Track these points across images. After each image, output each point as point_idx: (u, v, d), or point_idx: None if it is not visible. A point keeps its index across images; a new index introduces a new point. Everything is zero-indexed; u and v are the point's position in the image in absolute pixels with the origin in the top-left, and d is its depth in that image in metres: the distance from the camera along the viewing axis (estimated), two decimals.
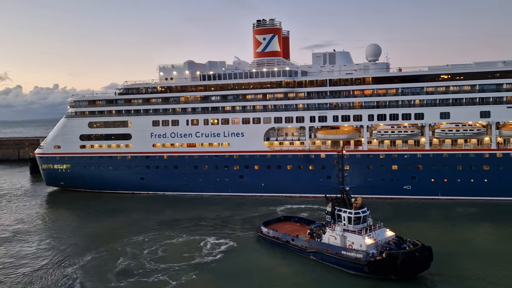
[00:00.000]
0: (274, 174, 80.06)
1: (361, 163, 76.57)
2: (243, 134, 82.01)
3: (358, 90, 78.82)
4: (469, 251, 47.84)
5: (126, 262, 48.34)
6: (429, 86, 75.97)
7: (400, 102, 76.52)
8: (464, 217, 63.67)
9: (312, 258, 46.76)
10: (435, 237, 52.88)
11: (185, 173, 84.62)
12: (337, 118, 78.33)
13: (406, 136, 75.82)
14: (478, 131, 72.98)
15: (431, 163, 73.84)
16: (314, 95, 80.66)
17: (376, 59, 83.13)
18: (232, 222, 64.39)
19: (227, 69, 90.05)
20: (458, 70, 75.56)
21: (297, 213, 67.30)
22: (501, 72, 73.36)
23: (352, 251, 42.57)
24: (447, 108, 74.30)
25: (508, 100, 72.49)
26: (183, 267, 46.13)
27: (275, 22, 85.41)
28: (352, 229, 44.08)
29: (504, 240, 51.38)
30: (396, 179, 74.97)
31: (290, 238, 50.36)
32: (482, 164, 71.94)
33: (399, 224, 57.86)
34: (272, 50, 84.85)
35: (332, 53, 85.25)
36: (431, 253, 41.00)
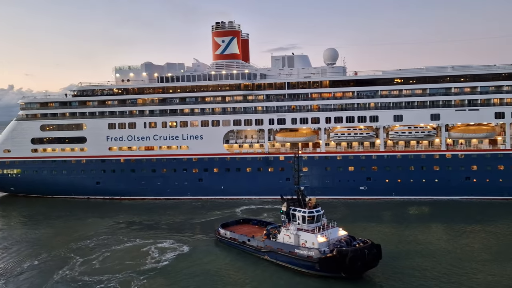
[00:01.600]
0: (233, 177, 79.90)
1: (319, 165, 77.89)
2: (202, 137, 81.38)
3: (316, 93, 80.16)
4: (419, 249, 49.38)
5: (68, 271, 46.30)
6: (383, 90, 78.43)
7: (356, 105, 78.49)
8: (416, 216, 65.97)
9: (267, 258, 47.15)
10: (387, 236, 54.59)
11: (143, 177, 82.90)
12: (296, 120, 79.31)
13: (362, 138, 77.81)
14: (429, 133, 75.97)
15: (386, 164, 76.16)
16: (273, 97, 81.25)
17: (334, 63, 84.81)
18: (190, 226, 63.76)
19: (186, 71, 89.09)
20: (410, 74, 78.45)
21: (257, 215, 67.54)
22: (450, 76, 76.80)
23: (304, 249, 43.34)
24: (400, 111, 76.88)
25: (456, 103, 75.99)
26: (131, 273, 45.05)
27: (234, 25, 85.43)
28: (306, 228, 44.89)
29: (453, 239, 53.48)
30: (353, 180, 76.75)
31: (246, 238, 50.62)
32: (432, 164, 74.92)
33: (353, 224, 59.36)
34: (231, 52, 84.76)
35: (291, 56, 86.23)
36: (380, 251, 42.23)
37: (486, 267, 43.52)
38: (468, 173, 73.88)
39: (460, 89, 76.49)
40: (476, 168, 73.68)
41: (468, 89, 76.31)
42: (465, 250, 48.86)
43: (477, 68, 77.60)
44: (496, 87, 75.55)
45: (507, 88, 74.90)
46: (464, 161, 74.16)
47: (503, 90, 75.05)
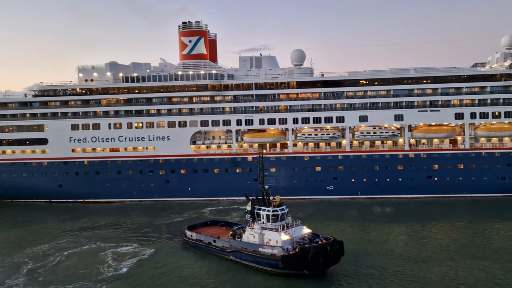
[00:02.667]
0: (201, 178, 79.22)
1: (286, 165, 78.35)
2: (168, 137, 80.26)
3: (283, 94, 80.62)
4: (380, 247, 50.40)
5: (16, 280, 44.18)
6: (349, 91, 79.74)
7: (323, 106, 79.45)
8: (380, 215, 67.29)
9: (232, 258, 47.05)
10: (351, 234, 55.52)
11: (108, 179, 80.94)
12: (263, 121, 79.48)
13: (329, 139, 78.80)
14: (393, 133, 77.79)
15: (351, 164, 77.44)
16: (241, 98, 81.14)
17: (301, 64, 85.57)
18: (156, 228, 62.74)
19: (152, 71, 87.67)
20: (374, 76, 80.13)
21: (225, 216, 67.32)
22: (413, 78, 78.99)
23: (268, 248, 43.53)
24: (365, 112, 78.38)
25: (418, 104, 78.13)
26: (92, 278, 43.63)
27: (201, 25, 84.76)
28: (270, 226, 45.07)
29: (413, 237, 54.85)
30: (320, 180, 77.61)
31: (212, 239, 50.35)
32: (396, 164, 76.77)
33: (319, 223, 60.10)
34: (198, 52, 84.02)
35: (259, 57, 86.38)
36: (342, 247, 42.83)
37: (442, 264, 44.71)
38: (430, 172, 76.15)
39: (422, 91, 78.71)
40: (438, 167, 76.03)
41: (430, 90, 78.63)
42: (424, 248, 50.07)
43: (438, 70, 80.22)
44: (456, 89, 78.19)
45: (466, 89, 77.70)
46: (426, 161, 76.39)
47: (462, 92, 77.76)
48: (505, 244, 50.26)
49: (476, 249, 48.87)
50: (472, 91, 77.74)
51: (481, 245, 50.13)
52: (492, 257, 45.87)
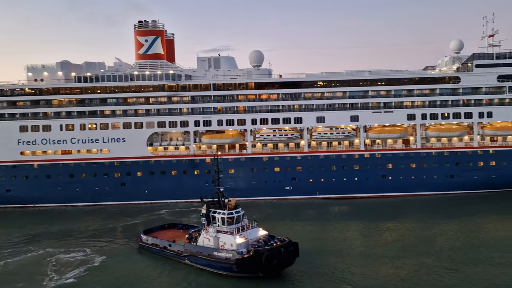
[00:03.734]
0: (158, 180, 77.61)
1: (245, 166, 78.20)
2: (124, 139, 78.03)
3: (242, 95, 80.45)
4: (335, 247, 51.25)
5: None
6: (307, 92, 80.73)
7: (281, 107, 79.99)
8: (336, 215, 68.45)
9: (187, 262, 46.29)
10: (308, 234, 56.05)
11: (59, 183, 77.62)
12: (222, 122, 78.97)
13: (287, 140, 79.42)
14: (349, 134, 79.45)
15: (309, 165, 78.40)
16: (199, 99, 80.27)
17: (259, 65, 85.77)
18: (110, 233, 60.70)
19: (106, 71, 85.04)
20: (331, 78, 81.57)
21: (182, 218, 66.27)
22: (368, 80, 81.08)
23: (223, 251, 43.18)
24: (323, 113, 79.60)
25: (373, 105, 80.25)
26: None
27: (158, 24, 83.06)
28: (225, 229, 44.68)
29: (368, 235, 56.21)
30: (278, 181, 78.01)
31: (167, 243, 49.35)
32: (352, 164, 78.46)
33: (276, 223, 60.45)
34: (155, 52, 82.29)
35: (217, 57, 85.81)
36: (297, 248, 43.11)
37: (393, 261, 46.16)
38: (384, 171, 78.37)
39: (377, 92, 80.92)
40: (391, 167, 78.37)
41: (384, 92, 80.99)
42: (377, 246, 51.49)
43: (391, 72, 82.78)
44: (408, 91, 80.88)
45: (418, 91, 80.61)
46: (381, 160, 78.57)
47: (414, 94, 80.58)
48: (449, 242, 52.30)
49: (423, 247, 50.59)
50: (423, 93, 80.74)
51: (428, 243, 51.95)
52: (437, 254, 47.69)
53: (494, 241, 51.08)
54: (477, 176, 77.60)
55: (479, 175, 77.60)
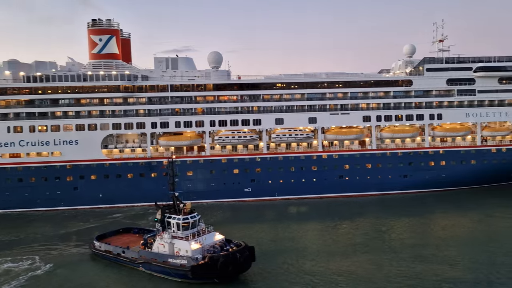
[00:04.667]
0: (113, 184, 75.22)
1: (204, 169, 77.32)
2: (77, 141, 75.12)
3: (200, 96, 79.56)
4: (293, 248, 51.47)
5: None
6: (266, 94, 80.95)
7: (240, 108, 79.78)
8: (295, 215, 69.03)
9: (141, 269, 44.97)
10: (266, 236, 56.15)
11: (7, 188, 73.60)
12: (180, 124, 77.69)
13: (246, 141, 79.28)
14: (307, 135, 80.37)
15: (268, 166, 78.58)
16: (156, 100, 78.66)
17: (218, 66, 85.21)
18: (61, 240, 58.03)
19: (58, 70, 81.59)
20: (289, 80, 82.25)
21: (140, 221, 64.65)
22: (325, 82, 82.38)
23: (178, 258, 42.26)
24: (281, 115, 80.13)
25: (330, 107, 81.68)
26: None
27: (113, 23, 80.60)
28: (181, 235, 43.75)
29: (325, 235, 57.01)
30: (238, 183, 77.68)
31: (121, 250, 47.71)
32: (311, 165, 79.41)
33: (235, 226, 60.19)
34: (109, 52, 79.75)
35: (175, 58, 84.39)
36: (253, 253, 42.91)
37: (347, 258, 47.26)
38: (342, 172, 79.85)
39: (334, 95, 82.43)
40: (348, 167, 79.96)
41: (341, 94, 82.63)
42: (333, 245, 52.39)
43: (347, 75, 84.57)
44: (364, 93, 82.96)
45: (372, 94, 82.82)
46: (338, 161, 79.99)
47: (369, 96, 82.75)
48: (400, 240, 54.02)
49: (376, 244, 52.05)
50: (377, 95, 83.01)
51: (381, 240, 53.45)
52: (387, 252, 49.18)
53: (441, 239, 53.11)
54: (429, 175, 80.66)
55: (430, 174, 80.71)
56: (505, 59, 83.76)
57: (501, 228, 57.16)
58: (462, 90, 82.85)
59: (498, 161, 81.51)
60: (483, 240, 52.26)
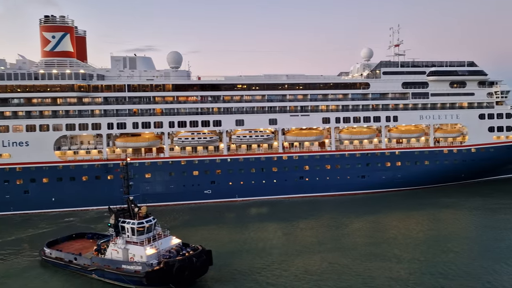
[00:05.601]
0: (67, 187, 72.29)
1: (163, 170, 75.79)
2: (27, 143, 71.67)
3: (159, 97, 77.96)
4: (253, 249, 51.31)
5: None
6: (226, 95, 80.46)
7: (200, 109, 78.83)
8: (255, 217, 68.83)
9: (94, 276, 43.32)
10: (225, 238, 55.60)
11: None
12: (137, 125, 75.77)
13: (206, 143, 78.43)
14: (267, 137, 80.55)
15: (229, 167, 78.09)
16: (113, 100, 76.33)
17: (178, 66, 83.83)
18: (8, 247, 54.90)
19: (7, 68, 77.37)
20: (250, 81, 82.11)
21: (96, 225, 62.42)
22: (286, 84, 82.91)
23: (132, 264, 40.97)
24: (242, 116, 79.87)
25: (291, 109, 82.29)
26: None
27: (67, 20, 77.54)
28: (136, 240, 42.45)
29: (285, 236, 57.21)
30: (197, 185, 76.71)
31: (73, 257, 45.73)
32: (271, 166, 79.58)
33: (194, 229, 59.32)
34: (63, 50, 76.64)
35: (133, 57, 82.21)
36: (211, 256, 42.33)
37: (304, 258, 47.59)
38: (302, 173, 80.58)
39: (294, 96, 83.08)
40: (308, 168, 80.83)
41: (301, 96, 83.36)
42: (292, 245, 52.58)
43: (306, 77, 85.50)
44: (323, 95, 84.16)
45: (332, 96, 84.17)
46: (298, 162, 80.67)
47: (328, 98, 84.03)
48: (355, 239, 55.04)
49: (333, 243, 52.83)
50: (336, 97, 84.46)
51: (337, 240, 54.29)
52: (343, 250, 50.03)
53: (395, 238, 54.55)
54: (385, 176, 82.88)
55: (387, 175, 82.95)
56: (456, 64, 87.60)
57: (450, 226, 59.40)
58: (416, 93, 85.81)
59: (449, 162, 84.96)
60: (433, 238, 54.08)
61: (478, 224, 60.18)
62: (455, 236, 54.53)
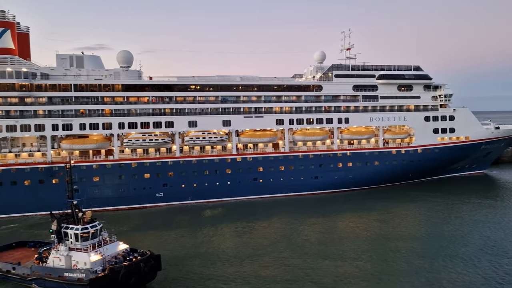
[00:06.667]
0: (7, 192, 68.01)
1: (112, 174, 73.09)
2: None
3: (108, 97, 75.23)
4: (205, 253, 50.43)
5: None
6: (179, 96, 78.98)
7: (151, 110, 76.85)
8: (209, 219, 67.80)
9: (34, 286, 40.84)
10: (176, 242, 54.30)
11: None
12: (85, 126, 72.71)
13: (158, 144, 76.52)
14: (221, 138, 79.84)
15: (182, 170, 76.61)
16: (58, 101, 72.79)
17: (129, 66, 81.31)
18: None
19: None
20: (203, 82, 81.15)
21: (37, 235, 58.89)
22: (240, 85, 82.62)
23: (75, 272, 38.98)
24: (195, 117, 78.68)
25: (245, 110, 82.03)
26: None
27: (7, 15, 73.13)
28: (79, 246, 40.44)
29: (237, 238, 56.75)
30: (149, 187, 74.64)
31: (11, 266, 42.88)
32: (225, 168, 78.90)
33: (144, 234, 57.61)
34: (3, 46, 72.15)
35: (80, 56, 78.87)
36: (159, 261, 41.16)
37: (256, 260, 47.37)
38: (256, 174, 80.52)
39: (248, 98, 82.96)
40: (262, 170, 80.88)
41: (255, 98, 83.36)
42: (244, 247, 52.22)
43: (261, 79, 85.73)
44: (277, 97, 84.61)
45: (285, 98, 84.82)
46: (252, 164, 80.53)
47: (282, 100, 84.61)
48: (306, 238, 55.62)
49: (284, 244, 52.99)
50: (290, 99, 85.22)
51: (288, 241, 54.53)
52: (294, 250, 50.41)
53: (346, 237, 55.59)
54: (337, 176, 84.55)
55: (339, 175, 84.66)
56: (403, 68, 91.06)
57: (397, 225, 61.35)
58: (367, 95, 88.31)
59: (398, 162, 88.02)
60: (381, 236, 55.59)
61: (423, 223, 62.52)
62: (401, 235, 56.28)
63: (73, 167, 67.83)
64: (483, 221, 61.66)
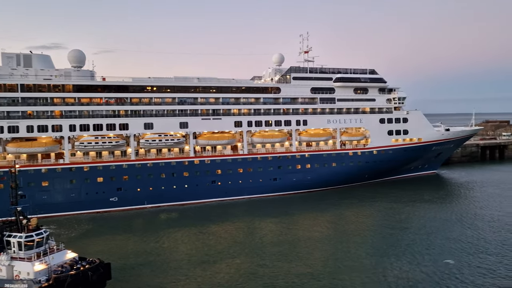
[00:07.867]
0: None
1: (62, 178, 69.87)
2: None
3: (58, 98, 71.92)
4: (159, 259, 49.00)
5: None
6: (134, 97, 76.75)
7: (105, 112, 74.17)
8: (165, 223, 66.10)
9: None
10: (130, 249, 52.44)
11: None
12: (33, 128, 69.12)
13: (112, 147, 73.92)
14: (178, 141, 78.23)
15: (137, 173, 74.38)
16: (3, 102, 68.77)
17: (81, 66, 78.17)
18: None
19: None
20: (160, 83, 79.25)
21: None
22: (198, 87, 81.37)
23: (17, 282, 36.57)
24: (151, 119, 76.70)
25: (202, 112, 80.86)
26: None
27: None
28: (23, 255, 37.99)
29: (193, 243, 55.57)
30: (102, 192, 71.90)
31: None
32: (182, 171, 77.40)
33: (95, 241, 55.36)
34: None
35: (28, 55, 74.91)
36: (109, 270, 39.46)
37: (212, 264, 46.55)
38: (214, 177, 79.47)
39: (206, 99, 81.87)
40: (220, 172, 79.97)
41: (213, 99, 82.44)
42: (200, 252, 51.21)
43: (219, 80, 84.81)
44: (235, 99, 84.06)
45: (244, 100, 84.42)
46: (210, 166, 79.46)
47: (240, 102, 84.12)
48: (263, 240, 55.42)
49: (241, 247, 52.53)
50: (249, 101, 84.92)
51: (246, 243, 54.07)
52: (251, 253, 49.97)
53: (302, 238, 55.76)
54: (296, 178, 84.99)
55: (297, 177, 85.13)
56: (359, 71, 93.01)
57: (353, 225, 62.29)
58: (324, 98, 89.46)
59: (354, 163, 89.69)
60: (336, 236, 56.25)
61: (375, 222, 63.76)
62: (353, 234, 57.13)
63: (19, 172, 64.33)
64: (431, 219, 63.83)
